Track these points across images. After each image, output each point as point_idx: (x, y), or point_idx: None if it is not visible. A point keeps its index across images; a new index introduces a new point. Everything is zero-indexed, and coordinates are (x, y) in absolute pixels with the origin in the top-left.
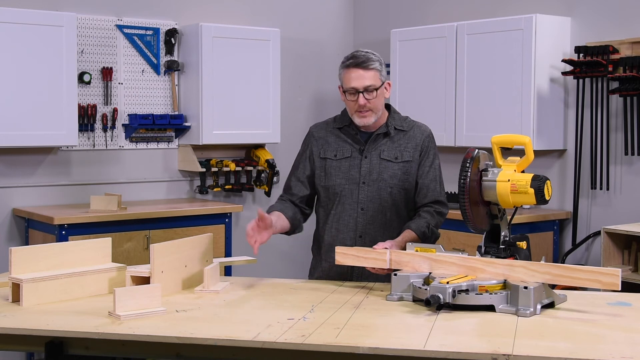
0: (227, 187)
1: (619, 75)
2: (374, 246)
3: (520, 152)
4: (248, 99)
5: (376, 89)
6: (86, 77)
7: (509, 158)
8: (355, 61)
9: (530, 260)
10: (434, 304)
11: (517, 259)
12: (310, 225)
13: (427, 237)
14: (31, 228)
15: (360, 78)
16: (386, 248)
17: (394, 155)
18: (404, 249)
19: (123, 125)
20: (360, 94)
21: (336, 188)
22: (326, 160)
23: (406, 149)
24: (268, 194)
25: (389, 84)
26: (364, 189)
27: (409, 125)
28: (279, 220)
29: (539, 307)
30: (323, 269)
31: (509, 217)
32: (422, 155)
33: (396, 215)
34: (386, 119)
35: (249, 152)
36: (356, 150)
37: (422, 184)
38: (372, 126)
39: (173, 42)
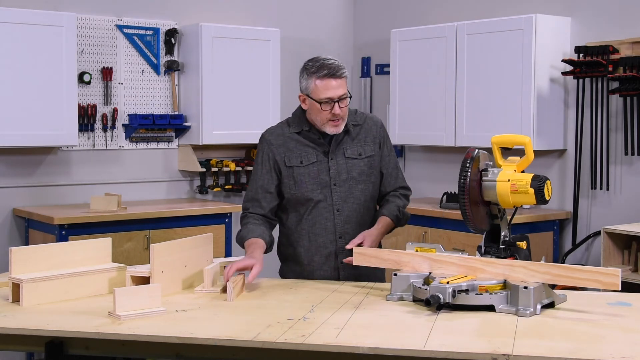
0: (227, 187)
1: (619, 75)
2: (348, 245)
3: (520, 152)
4: (248, 99)
5: (348, 97)
6: (86, 77)
7: (509, 158)
8: (330, 71)
9: (530, 260)
10: (434, 304)
11: (517, 259)
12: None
13: (400, 219)
14: (31, 228)
15: (336, 87)
16: (360, 244)
17: (357, 152)
18: (381, 236)
19: (123, 125)
20: (336, 104)
21: (309, 194)
22: (293, 168)
23: (366, 143)
24: None
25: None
26: (336, 190)
27: (362, 119)
28: (258, 250)
29: (539, 307)
30: (307, 273)
31: (509, 217)
32: (382, 145)
33: (368, 210)
34: None
35: (249, 152)
36: (321, 153)
37: (386, 174)
38: (332, 134)
39: (173, 42)
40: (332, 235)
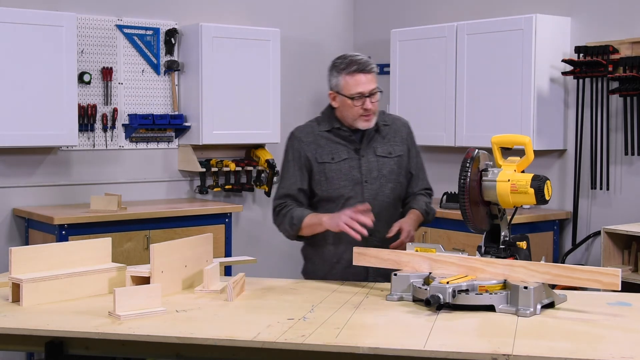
0: (227, 187)
1: (619, 75)
2: (388, 234)
3: (520, 152)
4: (248, 99)
5: (379, 91)
6: (86, 77)
7: (509, 158)
8: (359, 66)
9: (530, 260)
10: (434, 304)
11: (517, 259)
12: None
13: (428, 213)
14: (31, 228)
15: (366, 82)
16: (398, 232)
17: (387, 151)
18: (415, 225)
19: (123, 125)
20: (367, 99)
21: (340, 190)
22: (325, 165)
23: (395, 143)
24: (268, 194)
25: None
26: (367, 187)
27: (390, 119)
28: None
29: (539, 307)
30: (336, 271)
31: (509, 217)
32: (410, 147)
33: (395, 209)
34: None
35: (249, 152)
36: (352, 150)
37: (414, 175)
38: (364, 129)
39: (173, 42)
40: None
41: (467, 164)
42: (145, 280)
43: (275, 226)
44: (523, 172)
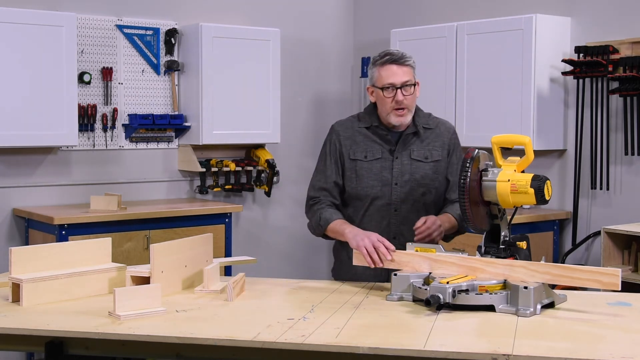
0: (227, 187)
1: (619, 75)
2: (415, 226)
3: (520, 152)
4: (248, 99)
5: (413, 85)
6: (86, 77)
7: (509, 158)
8: (392, 57)
9: (530, 260)
10: (434, 304)
11: (517, 259)
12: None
13: (462, 220)
14: (31, 228)
15: (398, 74)
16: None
17: (423, 155)
18: (443, 224)
19: (123, 125)
20: (399, 90)
21: (368, 190)
22: (357, 162)
23: (434, 147)
24: (268, 194)
25: (418, 83)
26: (396, 190)
27: (434, 123)
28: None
29: (539, 307)
30: (357, 271)
31: (509, 217)
32: (450, 153)
33: (427, 214)
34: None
35: (249, 152)
36: (386, 150)
37: (452, 181)
38: (401, 126)
39: (173, 42)
40: (386, 235)
41: (467, 164)
42: (145, 280)
43: (306, 217)
44: (523, 172)
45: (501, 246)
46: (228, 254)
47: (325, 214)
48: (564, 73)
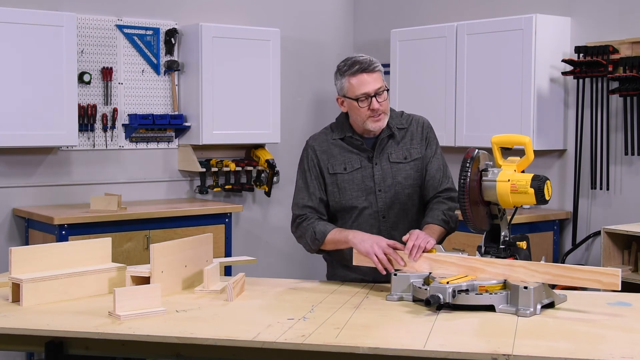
0: (227, 187)
1: (619, 75)
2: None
3: (520, 152)
4: (248, 99)
5: (385, 90)
6: (86, 77)
7: (509, 158)
8: (361, 66)
9: (530, 260)
10: (434, 304)
11: (517, 259)
12: None
13: (447, 222)
14: (31, 228)
15: (369, 82)
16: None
17: (402, 155)
18: (431, 235)
19: (123, 125)
20: (373, 99)
21: (353, 201)
22: (337, 175)
23: (412, 146)
24: (268, 194)
25: (388, 88)
26: (381, 196)
27: (407, 121)
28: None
29: (539, 307)
30: (353, 279)
31: (509, 217)
32: (428, 146)
33: (417, 215)
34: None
35: (249, 152)
36: (364, 159)
37: (428, 177)
38: (377, 130)
39: (173, 42)
40: None
41: (467, 164)
42: (145, 280)
43: (294, 237)
44: (523, 172)
45: (501, 246)
46: (228, 254)
47: (319, 227)
48: (564, 73)
